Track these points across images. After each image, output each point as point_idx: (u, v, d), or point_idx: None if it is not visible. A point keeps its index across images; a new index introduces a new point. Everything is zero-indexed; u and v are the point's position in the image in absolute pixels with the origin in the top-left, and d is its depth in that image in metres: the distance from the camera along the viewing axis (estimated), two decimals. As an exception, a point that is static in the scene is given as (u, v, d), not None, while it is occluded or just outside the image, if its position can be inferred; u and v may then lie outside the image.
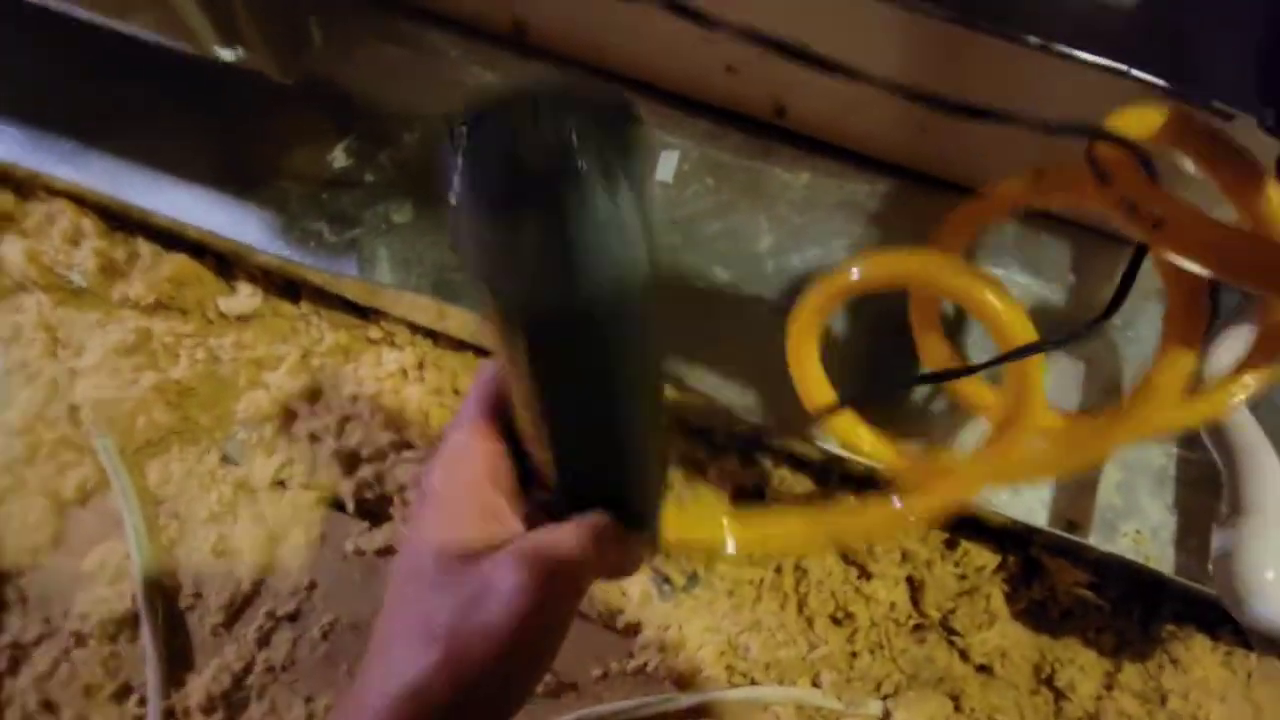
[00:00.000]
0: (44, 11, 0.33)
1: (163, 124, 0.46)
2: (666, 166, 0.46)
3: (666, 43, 0.47)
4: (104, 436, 0.42)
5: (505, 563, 0.18)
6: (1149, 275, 0.31)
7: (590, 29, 0.46)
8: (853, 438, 0.34)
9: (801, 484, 0.42)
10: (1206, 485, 0.39)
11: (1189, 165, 0.29)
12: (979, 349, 0.42)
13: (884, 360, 0.41)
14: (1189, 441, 0.40)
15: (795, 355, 0.34)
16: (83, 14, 0.30)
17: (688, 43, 0.45)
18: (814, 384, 0.34)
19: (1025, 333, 0.29)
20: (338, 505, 0.43)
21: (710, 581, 0.41)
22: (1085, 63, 0.35)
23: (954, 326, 0.43)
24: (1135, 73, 0.34)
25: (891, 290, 0.35)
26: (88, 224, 0.44)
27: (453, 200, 0.16)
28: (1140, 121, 0.26)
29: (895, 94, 0.24)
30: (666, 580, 0.41)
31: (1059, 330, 0.31)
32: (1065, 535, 0.38)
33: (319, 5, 0.36)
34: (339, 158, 0.46)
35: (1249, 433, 0.33)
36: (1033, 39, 0.34)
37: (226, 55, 0.30)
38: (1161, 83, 0.34)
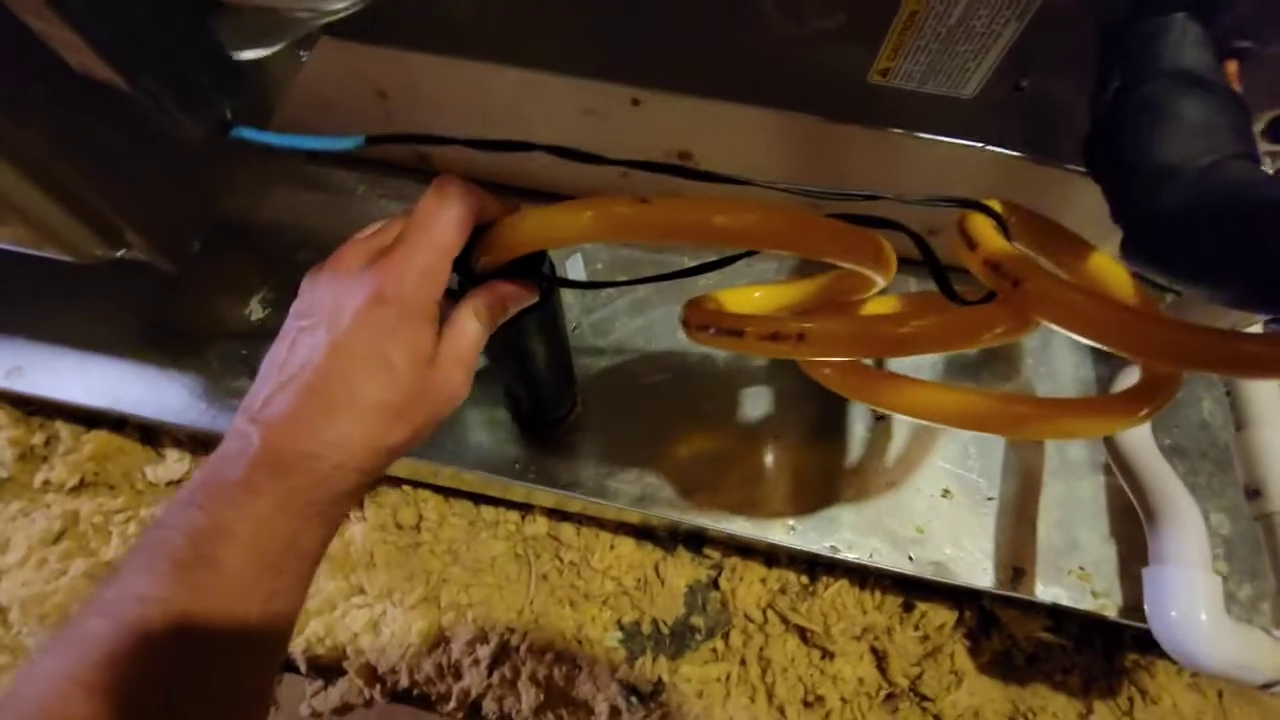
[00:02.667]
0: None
1: (72, 300, 0.46)
2: (575, 269, 0.48)
3: (562, 161, 0.49)
4: (36, 635, 0.40)
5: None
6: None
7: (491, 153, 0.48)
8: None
9: (754, 571, 0.42)
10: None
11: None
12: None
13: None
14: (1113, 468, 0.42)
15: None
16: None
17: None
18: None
19: None
20: (289, 666, 0.42)
21: (676, 685, 0.40)
22: (946, 143, 0.37)
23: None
24: (990, 147, 0.37)
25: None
26: (1, 415, 0.44)
27: None
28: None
29: (786, 192, 0.25)
30: (633, 691, 0.40)
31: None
32: (1011, 594, 0.39)
33: (214, 172, 0.36)
34: (255, 310, 0.46)
35: (1165, 481, 0.34)
36: (896, 130, 0.37)
37: (109, 255, 0.30)
38: (1014, 153, 0.37)
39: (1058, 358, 0.47)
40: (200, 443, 0.45)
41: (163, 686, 0.18)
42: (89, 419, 0.45)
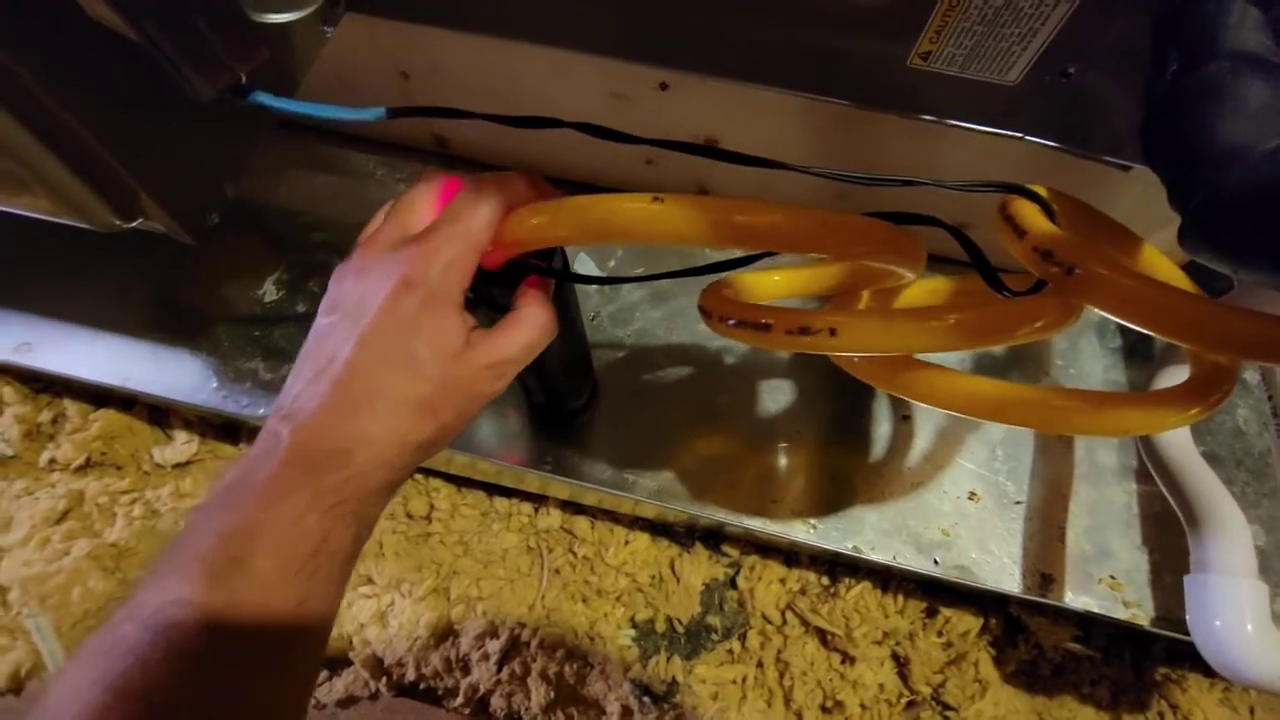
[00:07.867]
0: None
1: (84, 277, 0.45)
2: (585, 265, 0.47)
3: (586, 144, 0.48)
4: (36, 615, 0.40)
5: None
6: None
7: (512, 136, 0.47)
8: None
9: (774, 570, 0.41)
10: (1171, 518, 0.38)
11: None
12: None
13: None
14: (1146, 475, 0.40)
15: None
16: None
17: (606, 144, 0.46)
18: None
19: None
20: (294, 655, 0.40)
21: (690, 686, 0.39)
22: (983, 133, 0.36)
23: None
24: (1029, 138, 0.36)
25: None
26: (9, 391, 0.43)
27: None
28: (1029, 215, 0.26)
29: (808, 174, 0.24)
30: (646, 691, 0.39)
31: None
32: (1040, 600, 0.37)
33: (232, 149, 0.36)
34: (269, 292, 0.45)
35: (1208, 485, 0.33)
36: (927, 117, 0.36)
37: (125, 225, 0.30)
38: (1054, 144, 0.36)
39: (1087, 359, 0.46)
40: (210, 425, 0.44)
41: (196, 690, 0.18)
42: (97, 397, 0.44)
